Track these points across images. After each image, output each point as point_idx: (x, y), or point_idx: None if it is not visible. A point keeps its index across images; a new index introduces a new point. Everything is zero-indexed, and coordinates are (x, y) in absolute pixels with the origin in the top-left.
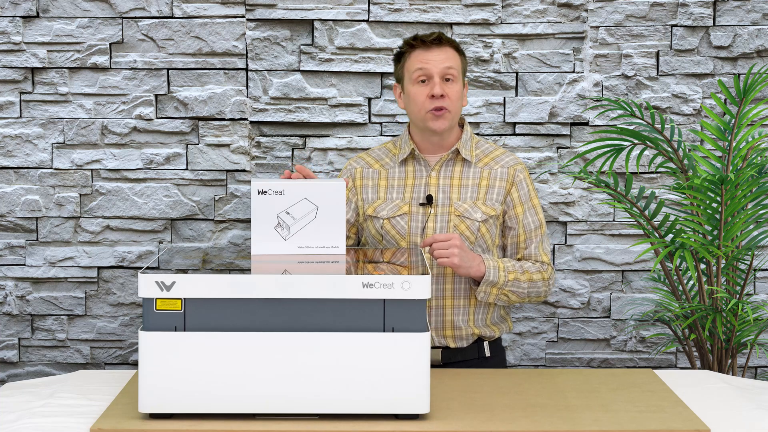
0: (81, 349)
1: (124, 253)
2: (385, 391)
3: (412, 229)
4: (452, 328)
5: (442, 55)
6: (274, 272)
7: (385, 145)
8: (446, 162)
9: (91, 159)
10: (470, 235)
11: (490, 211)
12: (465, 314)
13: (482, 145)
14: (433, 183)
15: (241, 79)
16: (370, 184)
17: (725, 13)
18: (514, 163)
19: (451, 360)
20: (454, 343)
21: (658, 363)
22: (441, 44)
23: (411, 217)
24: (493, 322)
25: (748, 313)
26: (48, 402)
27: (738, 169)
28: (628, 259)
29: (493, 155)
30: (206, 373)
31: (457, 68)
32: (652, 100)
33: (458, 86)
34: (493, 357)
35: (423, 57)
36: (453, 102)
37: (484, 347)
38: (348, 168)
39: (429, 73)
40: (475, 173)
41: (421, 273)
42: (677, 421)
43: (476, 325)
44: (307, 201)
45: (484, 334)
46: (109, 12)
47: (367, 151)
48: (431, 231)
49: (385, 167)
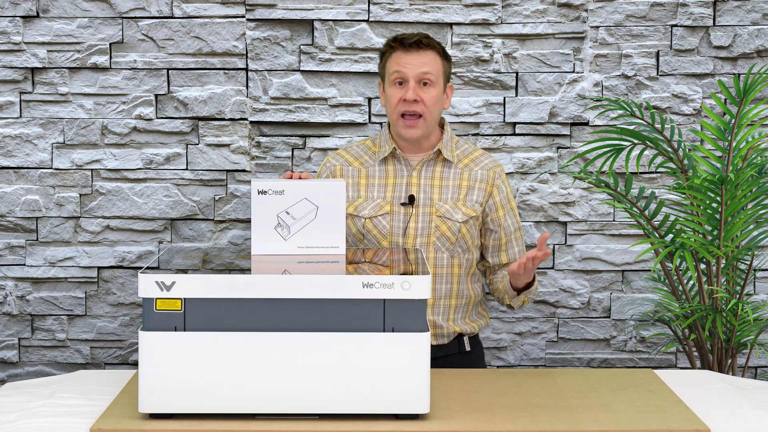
0: (81, 349)
1: (124, 253)
2: (385, 391)
3: (394, 229)
4: (434, 327)
5: (421, 59)
6: (274, 272)
7: (363, 143)
8: (427, 162)
9: (91, 159)
10: (451, 235)
11: (470, 212)
12: (445, 314)
13: (461, 146)
14: (415, 183)
15: (241, 79)
16: (351, 182)
17: (725, 13)
18: (493, 166)
19: (433, 356)
20: (435, 341)
21: (658, 363)
22: (420, 48)
23: (393, 217)
24: (472, 319)
25: (748, 313)
26: (48, 402)
27: (738, 169)
28: (628, 259)
29: (473, 156)
30: (206, 373)
31: (435, 72)
32: (652, 100)
33: (436, 91)
34: (473, 351)
35: (401, 60)
36: (428, 107)
37: (464, 342)
38: (327, 165)
39: (405, 76)
40: (455, 174)
41: (421, 273)
42: (677, 421)
43: (456, 323)
44: (307, 201)
45: (464, 331)
46: (109, 12)
47: (345, 148)
48: (413, 231)
49: (365, 165)
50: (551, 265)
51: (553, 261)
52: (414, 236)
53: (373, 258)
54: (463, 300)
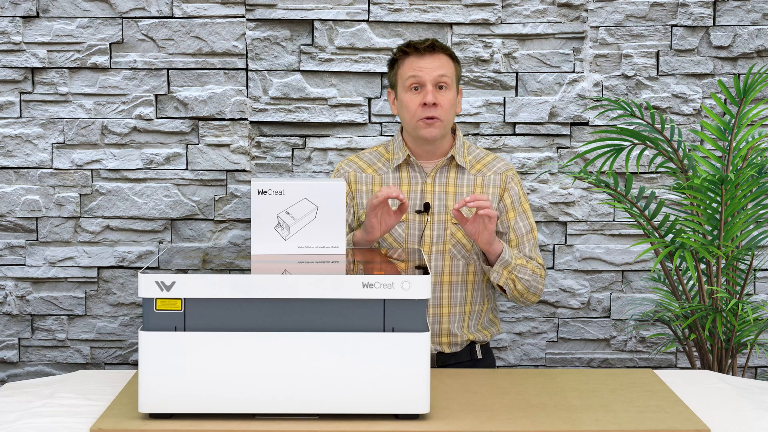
0: (81, 349)
1: (124, 253)
2: (385, 391)
3: (410, 237)
4: (448, 335)
5: (436, 62)
6: (274, 272)
7: (376, 149)
8: (441, 168)
9: (91, 159)
10: (466, 242)
11: None
12: (460, 321)
13: (473, 151)
14: (429, 190)
15: (241, 79)
16: (364, 189)
17: (725, 13)
18: (506, 170)
19: (445, 363)
20: (449, 349)
21: (658, 363)
22: (434, 51)
23: (408, 225)
24: (484, 326)
25: (748, 313)
26: (48, 402)
27: (738, 169)
28: (628, 259)
29: (485, 161)
30: (206, 373)
31: (450, 75)
32: (652, 100)
33: (451, 94)
34: (484, 359)
35: (416, 64)
36: (445, 110)
37: (476, 350)
38: (340, 171)
39: (422, 80)
40: (469, 180)
41: (421, 273)
42: (677, 421)
43: (470, 331)
44: (307, 201)
45: (477, 339)
46: (109, 12)
47: (357, 154)
48: (428, 239)
49: (379, 172)
50: (551, 265)
51: (554, 261)
52: (429, 244)
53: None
54: (477, 307)
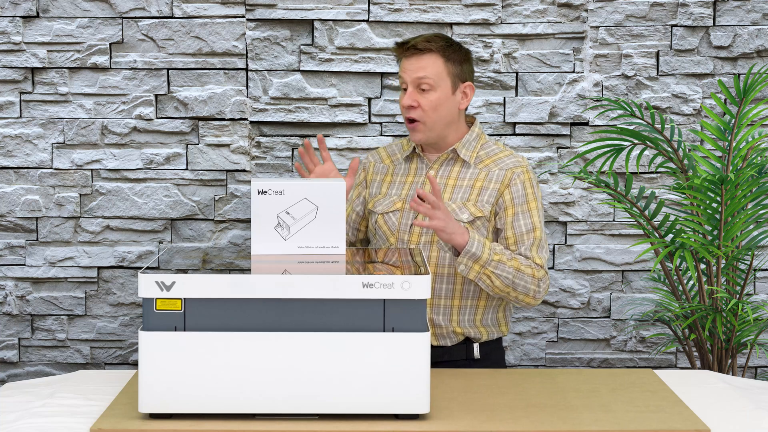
0: (81, 349)
1: (124, 253)
2: (385, 391)
3: (402, 226)
4: (433, 325)
5: (418, 63)
6: (274, 272)
7: (400, 141)
8: (445, 162)
9: (91, 159)
10: None
11: (477, 212)
12: (447, 314)
13: (488, 147)
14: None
15: (241, 79)
16: (378, 178)
17: (725, 13)
18: (514, 166)
19: (437, 360)
20: (436, 341)
21: (658, 363)
22: (416, 52)
23: (402, 214)
24: (484, 324)
25: (748, 313)
26: (48, 402)
27: (738, 169)
28: (628, 259)
29: (497, 157)
30: (206, 373)
31: (434, 76)
32: (652, 100)
33: (434, 95)
34: (485, 359)
35: (402, 64)
36: (426, 112)
37: (474, 348)
38: (366, 160)
39: (404, 81)
40: (472, 174)
41: (421, 273)
42: (677, 421)
43: (459, 325)
44: (307, 201)
45: (471, 335)
46: (109, 12)
47: (385, 146)
48: (417, 229)
49: (394, 163)
50: (551, 265)
51: (554, 261)
52: (418, 234)
53: (384, 258)
54: (470, 302)
